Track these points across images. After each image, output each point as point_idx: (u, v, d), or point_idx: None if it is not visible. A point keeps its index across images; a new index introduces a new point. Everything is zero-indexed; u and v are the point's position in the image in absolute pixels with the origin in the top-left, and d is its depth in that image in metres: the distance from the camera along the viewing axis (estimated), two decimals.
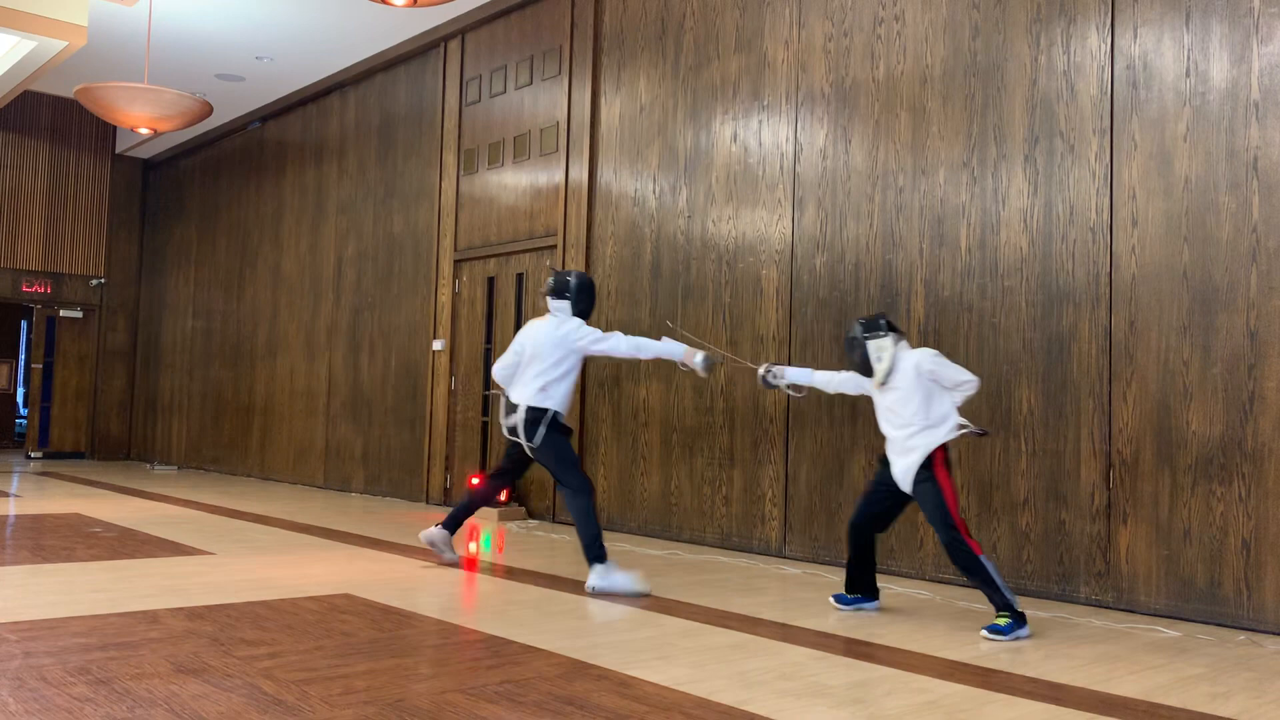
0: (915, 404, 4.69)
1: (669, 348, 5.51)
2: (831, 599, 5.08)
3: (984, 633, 4.45)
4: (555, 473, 5.57)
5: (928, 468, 4.64)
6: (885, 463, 4.85)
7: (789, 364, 6.63)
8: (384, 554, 6.45)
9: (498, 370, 5.79)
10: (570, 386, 5.57)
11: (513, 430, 5.59)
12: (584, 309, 5.62)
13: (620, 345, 5.49)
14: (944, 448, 4.69)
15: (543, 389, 5.50)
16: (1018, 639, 4.39)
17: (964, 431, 4.71)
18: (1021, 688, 3.63)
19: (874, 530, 4.94)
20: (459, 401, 9.51)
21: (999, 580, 4.50)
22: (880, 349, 4.76)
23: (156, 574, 5.46)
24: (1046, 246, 5.54)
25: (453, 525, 5.96)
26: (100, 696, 3.16)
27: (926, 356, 4.73)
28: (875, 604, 5.03)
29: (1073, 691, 3.60)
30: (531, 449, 5.55)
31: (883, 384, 4.79)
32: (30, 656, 3.62)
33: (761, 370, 5.33)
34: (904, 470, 4.71)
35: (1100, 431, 5.26)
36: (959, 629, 4.60)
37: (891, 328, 4.79)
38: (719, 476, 7.11)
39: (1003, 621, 4.42)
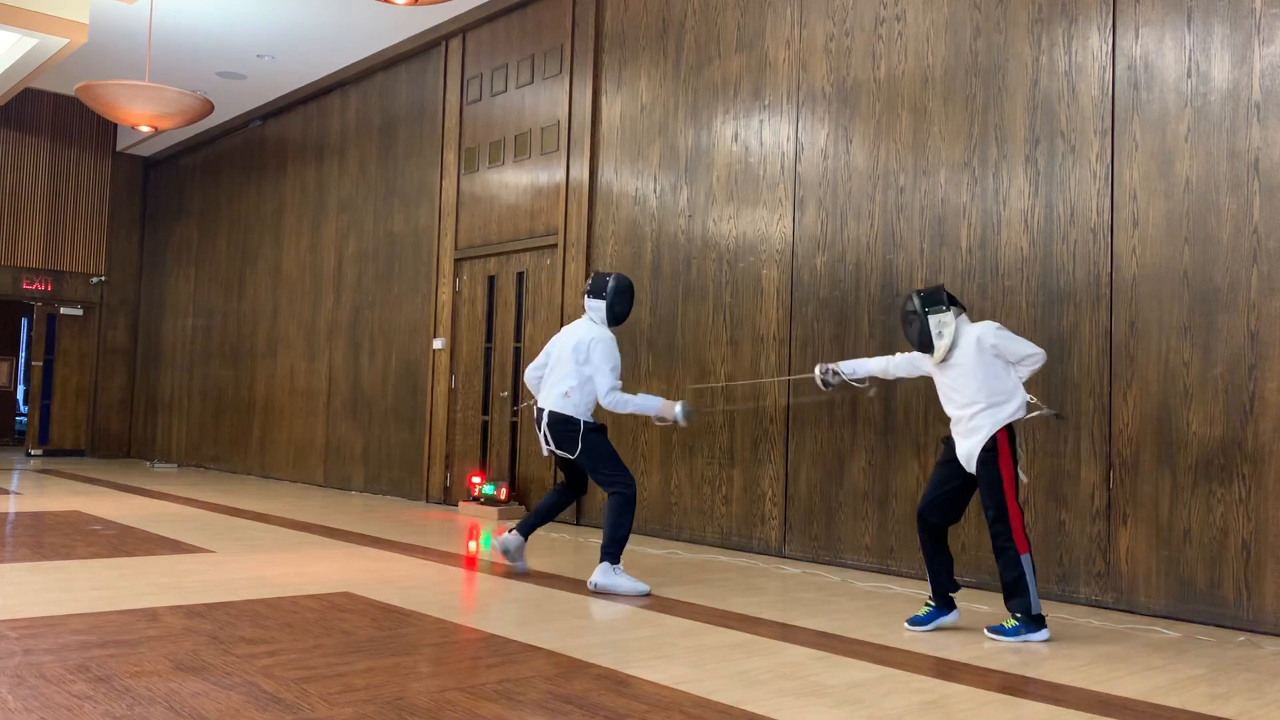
0: (978, 381, 4.45)
1: (644, 403, 5.50)
2: (906, 625, 4.60)
3: (987, 632, 4.45)
4: (601, 480, 5.44)
5: (992, 449, 4.42)
6: (949, 444, 4.62)
7: (789, 364, 6.63)
8: (384, 552, 6.45)
9: (528, 374, 5.76)
10: (593, 394, 5.49)
11: (545, 439, 5.51)
12: (620, 313, 5.57)
13: (605, 400, 5.42)
14: (1009, 428, 4.47)
15: (565, 394, 5.45)
16: (1026, 642, 4.35)
17: (1037, 413, 4.52)
18: (1021, 688, 3.63)
19: (944, 518, 4.59)
20: (459, 400, 9.51)
21: (1031, 585, 4.37)
22: (942, 324, 4.48)
23: (156, 572, 5.46)
24: (1047, 247, 5.53)
25: (526, 531, 5.75)
26: (99, 694, 3.15)
27: (989, 330, 4.49)
28: (953, 616, 4.59)
29: (1073, 691, 3.60)
30: (573, 460, 5.50)
31: (943, 361, 4.54)
32: (30, 654, 3.62)
33: (818, 374, 5.03)
34: (968, 451, 4.48)
35: (1100, 432, 5.26)
36: (959, 629, 4.59)
37: (953, 301, 4.54)
38: (719, 476, 7.11)
39: (1009, 624, 4.41)
